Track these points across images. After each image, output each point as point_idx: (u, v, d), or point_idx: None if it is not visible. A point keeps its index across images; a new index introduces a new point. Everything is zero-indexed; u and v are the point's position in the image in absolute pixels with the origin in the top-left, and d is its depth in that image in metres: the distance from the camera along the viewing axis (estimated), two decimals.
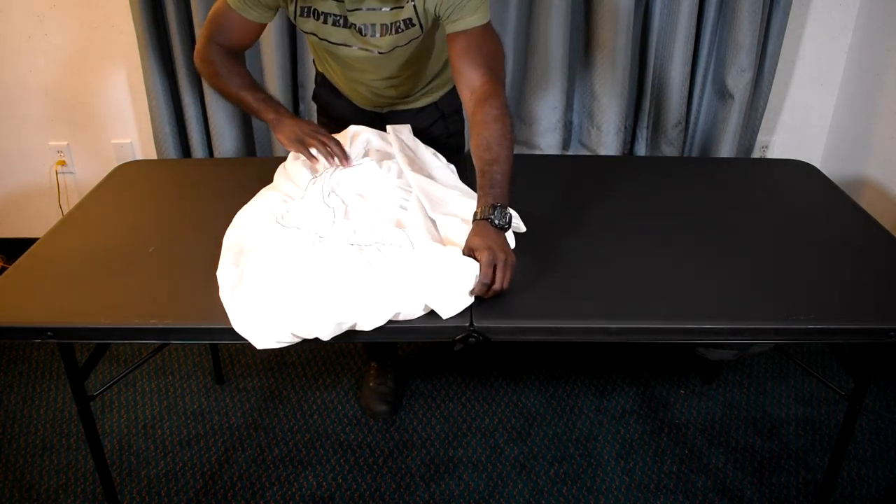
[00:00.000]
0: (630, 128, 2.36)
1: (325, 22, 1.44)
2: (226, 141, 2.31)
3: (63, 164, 2.50)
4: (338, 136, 1.55)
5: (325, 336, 1.13)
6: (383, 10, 1.39)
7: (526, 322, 1.18)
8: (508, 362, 2.13)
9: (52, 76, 2.36)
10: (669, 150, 2.34)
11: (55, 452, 1.82)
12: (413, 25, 1.41)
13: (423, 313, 1.17)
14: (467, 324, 1.16)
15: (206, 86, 2.22)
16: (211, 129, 2.29)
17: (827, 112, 2.45)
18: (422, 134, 1.68)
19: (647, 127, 2.33)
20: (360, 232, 1.28)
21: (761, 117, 2.35)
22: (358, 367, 2.12)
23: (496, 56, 1.38)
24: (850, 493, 1.70)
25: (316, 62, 1.72)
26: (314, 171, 1.49)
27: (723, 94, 2.27)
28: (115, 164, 1.79)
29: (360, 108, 1.72)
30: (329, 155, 1.47)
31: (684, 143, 2.37)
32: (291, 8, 1.43)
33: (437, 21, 1.42)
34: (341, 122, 1.67)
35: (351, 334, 1.16)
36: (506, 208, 1.22)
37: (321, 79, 1.75)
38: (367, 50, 1.47)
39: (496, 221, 1.20)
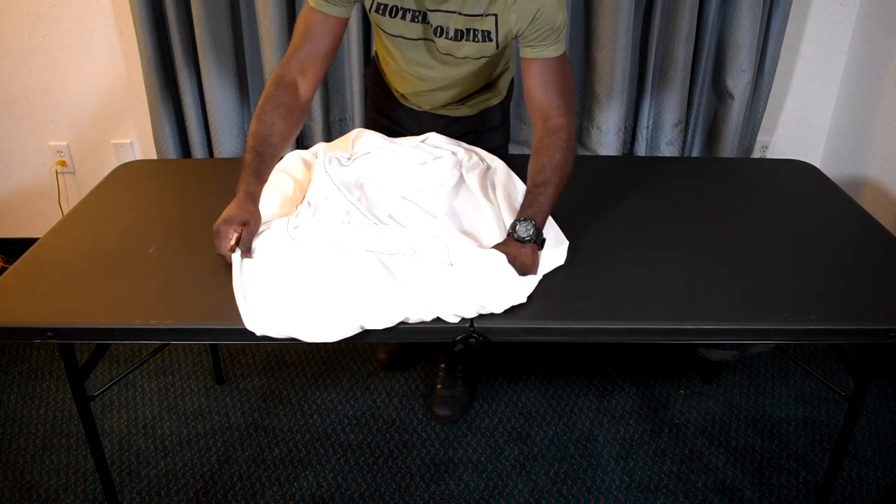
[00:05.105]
0: (630, 128, 2.35)
1: (403, 18, 1.43)
2: (226, 141, 2.31)
3: (63, 164, 2.50)
4: (340, 140, 1.56)
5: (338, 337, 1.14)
6: (463, 14, 1.38)
7: (526, 322, 1.18)
8: (508, 362, 2.13)
9: (52, 76, 2.36)
10: (669, 150, 2.34)
11: (55, 452, 1.82)
12: (489, 40, 1.41)
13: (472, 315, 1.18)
14: (467, 324, 1.16)
15: (205, 86, 2.22)
16: (211, 129, 2.29)
17: (827, 112, 2.45)
18: None
19: (647, 127, 2.33)
20: (389, 237, 1.27)
21: (761, 117, 2.35)
22: (357, 366, 2.12)
23: (570, 88, 1.44)
24: (850, 493, 1.70)
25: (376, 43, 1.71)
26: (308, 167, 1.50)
27: (723, 94, 2.27)
28: (115, 164, 1.79)
29: (399, 102, 1.72)
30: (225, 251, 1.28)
31: (684, 143, 2.37)
32: (368, 2, 1.43)
33: (509, 42, 1.43)
34: (381, 112, 1.75)
35: (362, 334, 1.16)
36: (530, 222, 1.28)
37: (373, 63, 1.77)
38: (433, 54, 1.47)
39: (517, 234, 1.28)
